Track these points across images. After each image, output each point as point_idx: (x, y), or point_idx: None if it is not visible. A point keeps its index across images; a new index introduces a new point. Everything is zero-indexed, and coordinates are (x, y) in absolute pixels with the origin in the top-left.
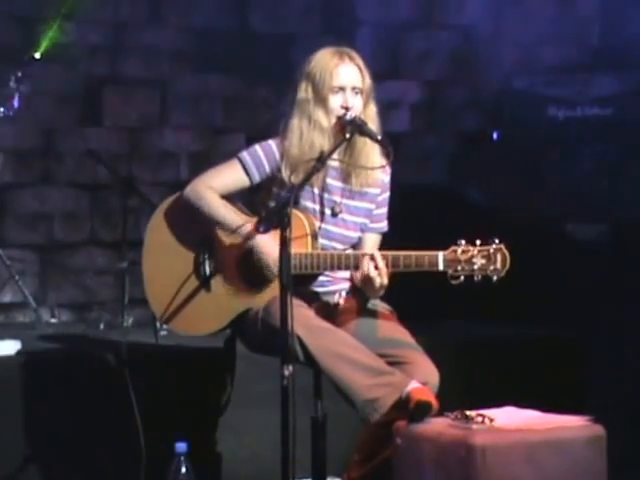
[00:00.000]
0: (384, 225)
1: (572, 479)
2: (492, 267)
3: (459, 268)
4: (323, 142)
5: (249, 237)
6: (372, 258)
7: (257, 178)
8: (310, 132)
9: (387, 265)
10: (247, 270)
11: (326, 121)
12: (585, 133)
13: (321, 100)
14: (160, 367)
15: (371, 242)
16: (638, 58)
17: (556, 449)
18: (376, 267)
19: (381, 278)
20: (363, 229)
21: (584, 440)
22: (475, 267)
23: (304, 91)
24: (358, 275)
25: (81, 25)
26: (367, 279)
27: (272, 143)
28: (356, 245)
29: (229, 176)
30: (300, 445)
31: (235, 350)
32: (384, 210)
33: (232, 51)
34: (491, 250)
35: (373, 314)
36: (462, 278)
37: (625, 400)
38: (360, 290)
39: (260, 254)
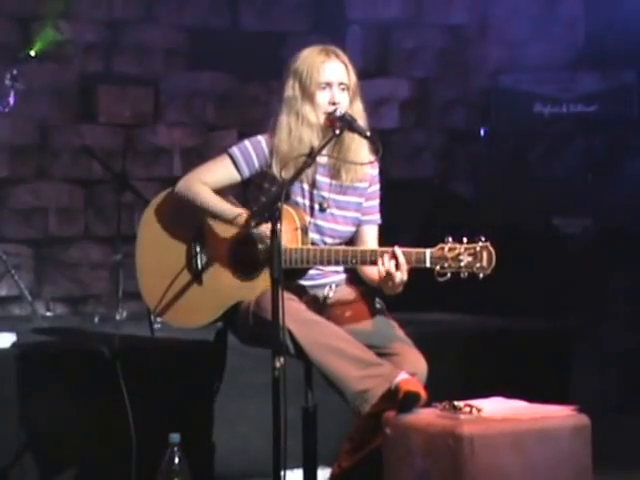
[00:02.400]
0: (377, 217)
1: (558, 467)
2: (478, 265)
3: (446, 265)
4: (312, 137)
5: (247, 226)
6: (393, 254)
7: (247, 173)
8: (299, 128)
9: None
10: (239, 263)
11: (314, 117)
12: (570, 129)
13: (308, 96)
14: (153, 359)
15: (371, 234)
16: (622, 57)
17: (542, 438)
18: (397, 263)
19: (402, 274)
20: (356, 223)
21: (569, 429)
22: (461, 264)
23: (291, 88)
24: (379, 272)
25: (76, 23)
26: (389, 275)
27: (261, 139)
28: (352, 240)
29: (219, 171)
30: (291, 435)
31: (226, 342)
32: (376, 202)
33: (224, 49)
34: (477, 248)
35: (363, 307)
36: (449, 275)
37: (609, 390)
38: (366, 285)
39: (260, 242)
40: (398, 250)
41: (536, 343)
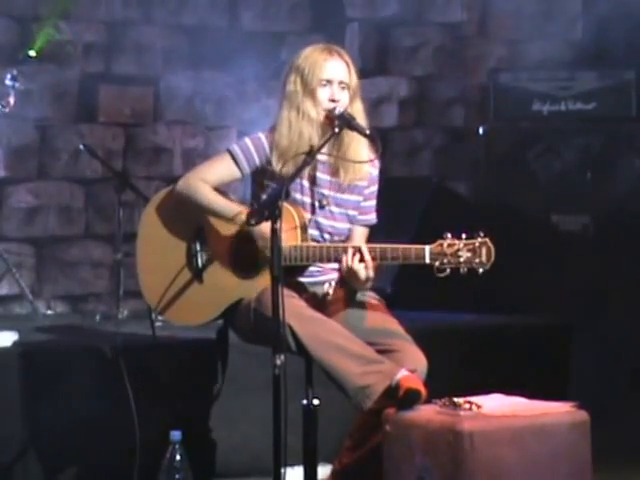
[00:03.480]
0: (372, 217)
1: (557, 463)
2: (477, 260)
3: (445, 261)
4: (312, 132)
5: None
6: (358, 251)
7: (247, 170)
8: (299, 122)
9: (374, 258)
10: (239, 260)
11: (314, 112)
12: (569, 127)
13: (310, 92)
14: (154, 357)
15: (358, 234)
16: (620, 55)
17: (541, 434)
18: (362, 260)
19: (367, 271)
20: (352, 221)
21: (568, 425)
22: (461, 260)
23: (293, 84)
24: (344, 267)
25: (75, 23)
26: (352, 271)
27: (261, 136)
28: (347, 237)
29: (220, 169)
30: (292, 432)
31: (227, 340)
32: (372, 203)
33: (223, 49)
34: (476, 244)
35: (362, 304)
36: (448, 271)
37: (608, 386)
38: (347, 282)
39: (260, 239)
40: (364, 247)
41: (535, 340)
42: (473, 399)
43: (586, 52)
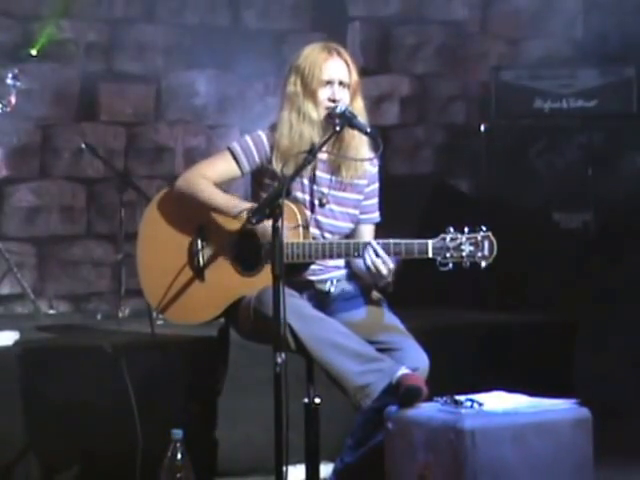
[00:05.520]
0: (376, 216)
1: (559, 460)
2: (480, 254)
3: (448, 255)
4: (312, 134)
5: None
6: (371, 246)
7: (247, 168)
8: (300, 124)
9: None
10: (241, 259)
11: (315, 113)
12: (570, 125)
13: (310, 93)
14: (156, 356)
15: (366, 233)
16: (621, 52)
17: (543, 431)
18: (377, 255)
19: (386, 264)
20: (354, 220)
21: (570, 422)
22: (463, 254)
23: (293, 84)
24: (362, 265)
25: (77, 22)
26: (374, 267)
27: (262, 134)
28: (350, 236)
29: (220, 166)
30: (294, 430)
31: (229, 338)
32: (374, 201)
33: (224, 47)
34: (479, 237)
35: (363, 302)
36: (450, 265)
37: (611, 383)
38: (361, 279)
39: (263, 237)
40: (374, 242)
41: (537, 338)
42: (475, 397)
43: (587, 49)
